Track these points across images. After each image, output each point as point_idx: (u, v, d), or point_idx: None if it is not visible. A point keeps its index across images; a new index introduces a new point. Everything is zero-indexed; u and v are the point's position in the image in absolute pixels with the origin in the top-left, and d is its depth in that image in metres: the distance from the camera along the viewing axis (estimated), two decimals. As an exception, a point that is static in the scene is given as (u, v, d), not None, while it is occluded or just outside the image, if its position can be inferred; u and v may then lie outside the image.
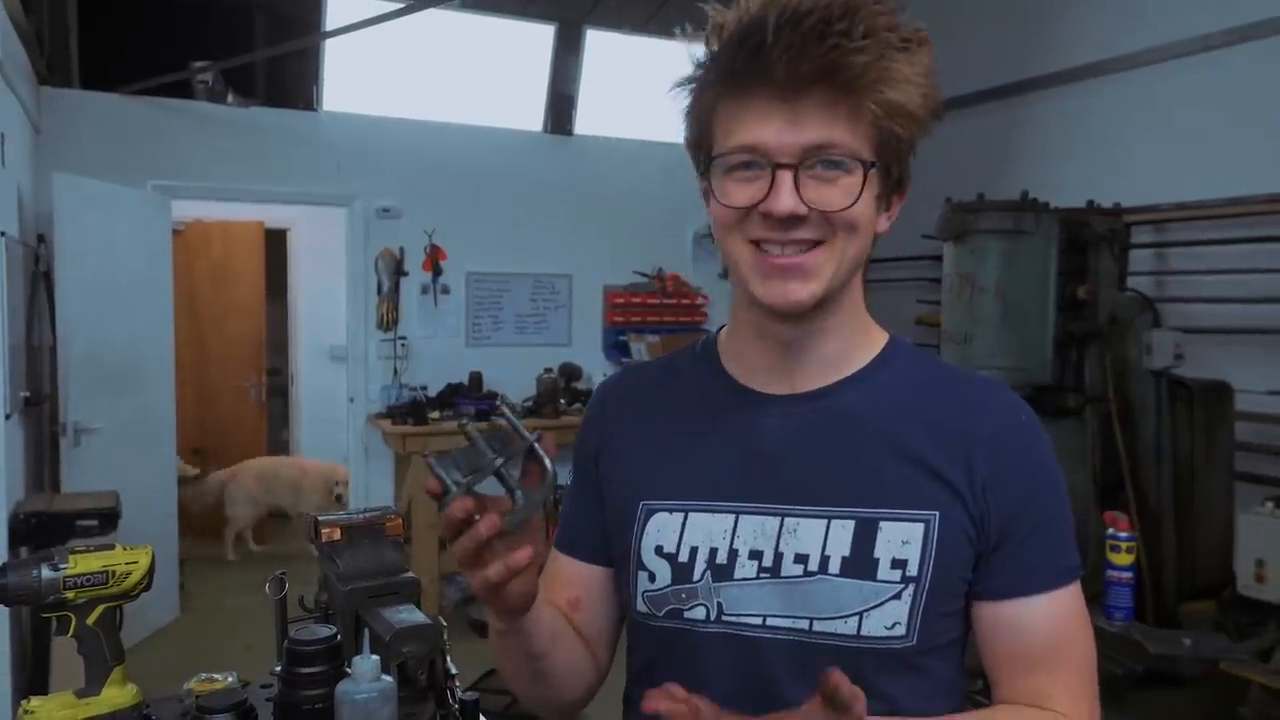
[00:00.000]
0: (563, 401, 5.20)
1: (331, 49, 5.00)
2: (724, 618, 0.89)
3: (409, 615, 1.25)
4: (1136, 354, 3.46)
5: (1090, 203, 3.70)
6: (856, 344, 0.93)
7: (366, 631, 1.23)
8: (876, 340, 0.95)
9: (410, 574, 1.36)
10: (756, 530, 0.89)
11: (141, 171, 4.63)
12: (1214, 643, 2.94)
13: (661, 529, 0.93)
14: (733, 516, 0.90)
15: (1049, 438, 0.92)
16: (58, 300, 4.06)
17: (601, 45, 5.51)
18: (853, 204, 0.82)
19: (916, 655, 0.86)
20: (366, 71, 5.14)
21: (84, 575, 1.20)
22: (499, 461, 0.80)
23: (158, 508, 4.45)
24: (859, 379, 0.92)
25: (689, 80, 0.87)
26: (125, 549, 1.26)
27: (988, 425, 0.88)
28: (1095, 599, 2.80)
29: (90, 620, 1.22)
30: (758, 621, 0.88)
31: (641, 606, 0.93)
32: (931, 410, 0.90)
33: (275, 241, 6.74)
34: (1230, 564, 3.21)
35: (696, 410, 0.97)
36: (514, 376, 5.33)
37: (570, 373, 5.46)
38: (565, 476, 0.85)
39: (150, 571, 1.26)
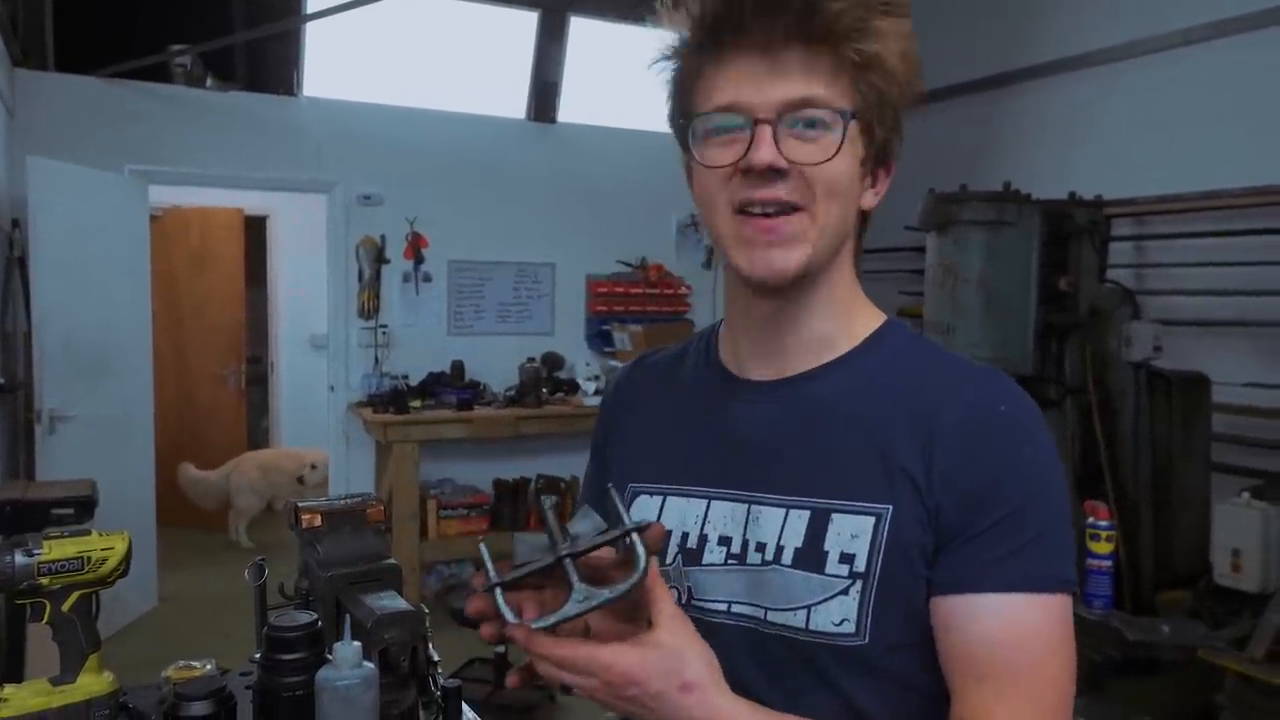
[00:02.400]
0: (545, 391, 5.19)
1: (312, 33, 4.94)
2: (693, 602, 0.89)
3: (391, 602, 1.24)
4: (1116, 345, 3.49)
5: (1072, 194, 3.72)
6: (844, 326, 0.90)
7: (347, 618, 1.22)
8: (869, 323, 0.92)
9: (392, 560, 1.35)
10: (727, 516, 0.89)
11: (118, 156, 4.57)
12: (1191, 630, 2.98)
13: (642, 511, 0.94)
14: (705, 502, 0.91)
15: (1046, 437, 0.84)
16: (32, 286, 4.01)
17: (585, 32, 5.47)
18: (832, 157, 0.81)
19: (872, 655, 0.82)
20: (348, 56, 5.09)
21: (59, 561, 1.18)
22: (565, 548, 0.71)
23: (135, 496, 4.41)
24: (841, 364, 0.89)
25: (670, 53, 0.87)
26: (101, 535, 1.24)
27: (957, 412, 0.82)
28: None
29: (65, 607, 1.20)
30: (722, 608, 0.88)
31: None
32: (908, 398, 0.85)
33: (255, 228, 6.68)
34: (1207, 553, 3.25)
35: (688, 397, 0.98)
36: (496, 365, 5.31)
37: (553, 362, 5.44)
38: (584, 524, 0.77)
39: (127, 557, 1.24)
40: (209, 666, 1.34)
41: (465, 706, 1.32)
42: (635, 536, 0.71)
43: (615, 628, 0.79)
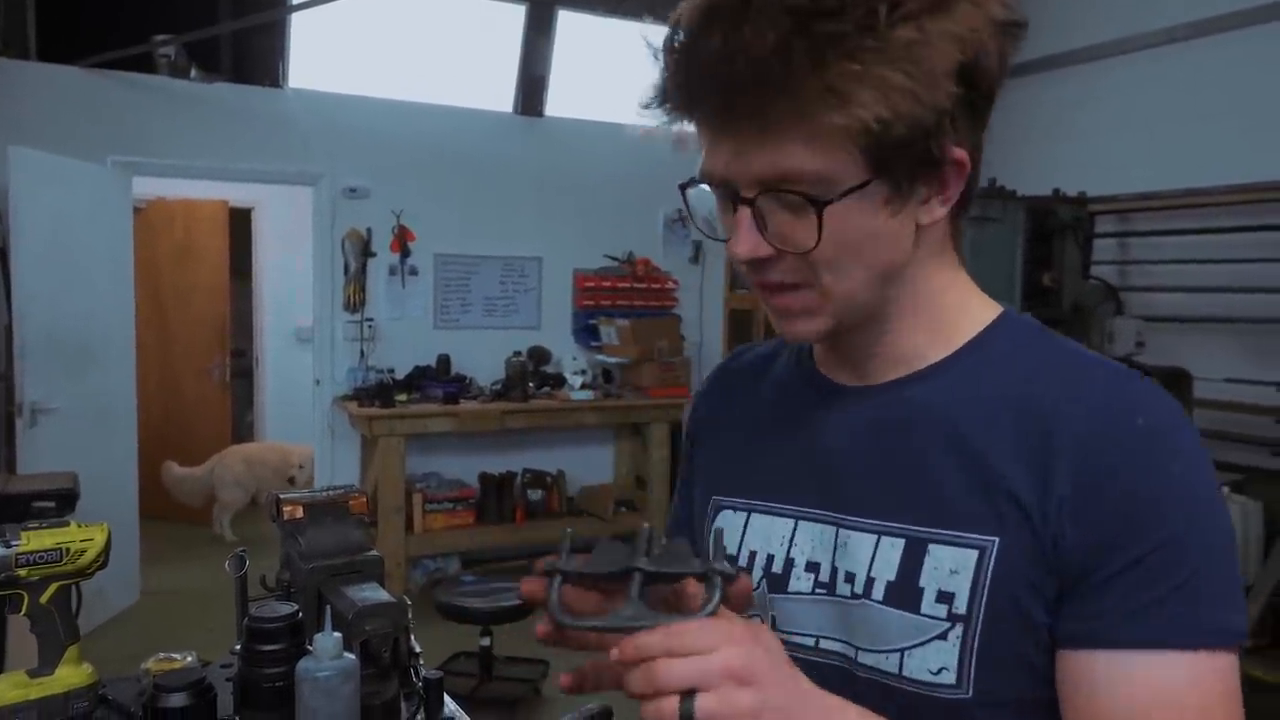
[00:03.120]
0: (531, 385, 5.18)
1: (298, 24, 4.91)
2: (777, 633, 0.79)
3: (372, 593, 1.24)
4: (1099, 341, 3.52)
5: (1056, 191, 3.74)
6: (941, 333, 0.77)
7: (328, 609, 1.22)
8: (977, 320, 0.78)
9: (375, 552, 1.35)
10: (815, 540, 0.79)
11: (101, 147, 4.54)
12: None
13: (726, 528, 0.85)
14: (792, 522, 0.81)
15: (1199, 452, 0.68)
16: (14, 278, 3.97)
17: (573, 26, 5.46)
18: (814, 246, 0.68)
19: (977, 710, 0.70)
20: (334, 48, 5.06)
21: (37, 552, 1.17)
22: (641, 562, 0.62)
23: (117, 489, 4.38)
24: (941, 368, 0.76)
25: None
26: (80, 526, 1.23)
27: (1080, 426, 0.68)
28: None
29: (44, 599, 1.19)
30: (810, 643, 0.78)
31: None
32: (1019, 407, 0.71)
33: (240, 221, 6.64)
34: (1187, 548, 3.27)
35: (776, 402, 0.87)
36: (482, 359, 5.30)
37: (539, 356, 5.44)
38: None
39: (106, 549, 1.23)
40: (189, 658, 1.33)
41: (447, 698, 1.32)
42: (719, 580, 0.60)
43: None
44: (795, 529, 0.80)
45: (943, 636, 0.70)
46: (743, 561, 0.83)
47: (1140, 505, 0.66)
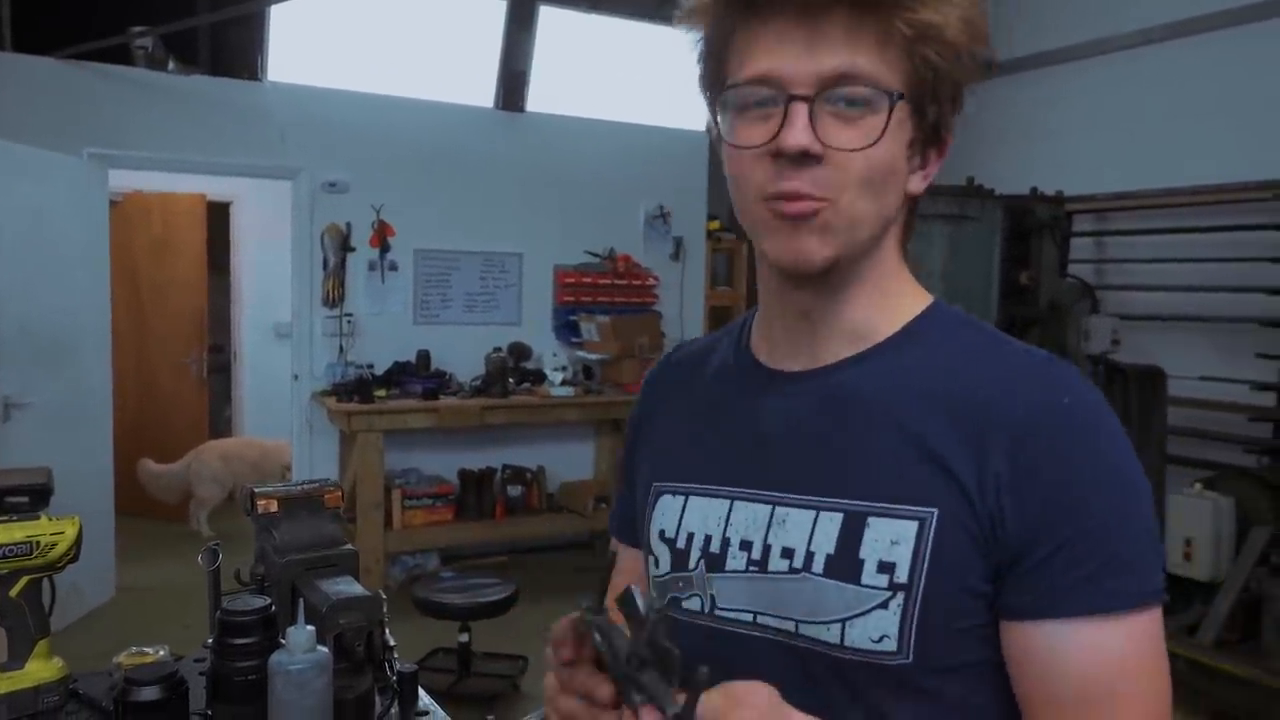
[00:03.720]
0: (511, 381, 5.18)
1: (277, 17, 4.87)
2: (716, 611, 0.82)
3: (347, 587, 1.23)
4: (1075, 339, 3.55)
5: (1034, 190, 3.77)
6: (885, 314, 0.81)
7: (302, 603, 1.21)
8: (912, 308, 0.82)
9: (350, 546, 1.35)
10: (749, 519, 0.81)
11: (76, 139, 4.49)
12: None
13: (665, 512, 0.88)
14: (728, 503, 0.83)
15: (1119, 428, 0.74)
16: (-13, 270, 3.93)
17: (554, 21, 5.45)
18: (874, 143, 0.72)
19: (918, 675, 0.73)
20: (313, 42, 5.03)
21: (6, 545, 1.17)
22: (638, 698, 0.62)
23: (93, 486, 4.34)
24: (878, 352, 0.80)
25: (696, 9, 0.78)
26: (51, 519, 1.23)
27: (1016, 408, 0.72)
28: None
29: (14, 592, 1.19)
30: (748, 618, 0.80)
31: (653, 593, 0.88)
32: (953, 388, 0.75)
33: (218, 214, 6.58)
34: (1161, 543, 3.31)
35: (715, 390, 0.90)
36: (462, 355, 5.29)
37: (519, 352, 5.42)
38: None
39: (77, 542, 1.23)
40: (161, 652, 1.32)
41: (422, 691, 1.32)
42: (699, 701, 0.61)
43: None
44: (731, 509, 0.83)
45: (884, 605, 0.73)
46: (681, 543, 0.85)
47: (1075, 483, 0.70)
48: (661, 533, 0.88)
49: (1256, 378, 3.77)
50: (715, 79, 0.78)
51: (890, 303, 0.81)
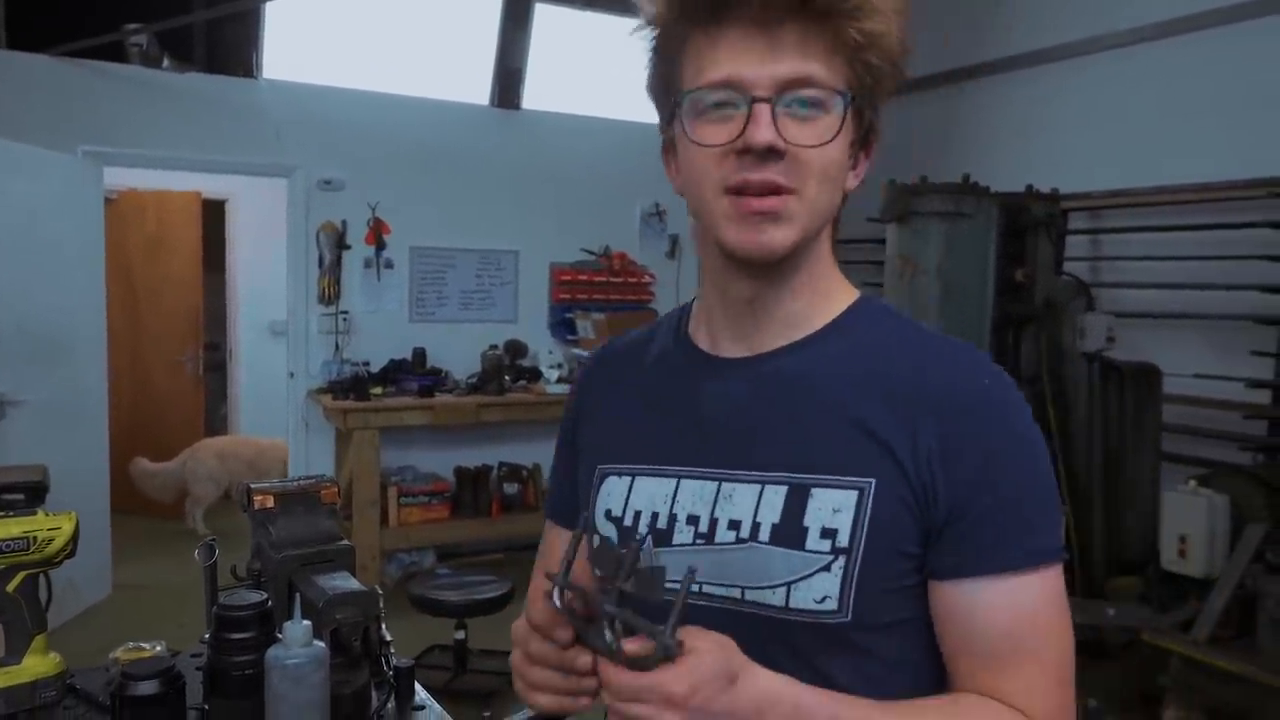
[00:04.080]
0: (507, 378, 5.17)
1: (272, 14, 4.86)
2: (664, 583, 0.88)
3: (343, 582, 1.24)
4: (1070, 337, 3.55)
5: (1029, 188, 3.77)
6: (820, 304, 0.89)
7: (298, 598, 1.22)
8: (844, 300, 0.91)
9: (346, 542, 1.35)
10: (695, 495, 0.87)
11: (71, 136, 4.48)
12: (1135, 613, 3.05)
13: (611, 492, 0.93)
14: (674, 481, 0.89)
15: (1027, 406, 0.84)
16: (-18, 268, 3.92)
17: (550, 19, 5.45)
18: (830, 140, 0.79)
19: (855, 632, 0.81)
20: (309, 39, 5.02)
21: (3, 540, 1.17)
22: (611, 609, 0.71)
23: (89, 483, 4.33)
24: (816, 339, 0.88)
25: (653, 18, 0.84)
26: (48, 515, 1.22)
27: (941, 389, 0.81)
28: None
29: (10, 587, 1.19)
30: (694, 588, 0.83)
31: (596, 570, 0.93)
32: (884, 373, 0.84)
33: (213, 212, 6.57)
34: (1156, 540, 3.32)
35: (658, 378, 0.96)
36: (458, 353, 5.28)
37: (515, 350, 5.42)
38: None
39: (74, 538, 1.23)
40: (158, 648, 1.33)
41: (418, 686, 1.32)
42: (674, 639, 0.69)
43: None
44: (678, 487, 0.88)
45: (826, 568, 0.80)
46: (628, 521, 0.90)
47: (994, 455, 0.80)
48: (608, 512, 0.92)
49: (1251, 375, 3.78)
50: (668, 84, 0.85)
51: (824, 294, 0.89)
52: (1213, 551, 3.29)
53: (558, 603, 0.74)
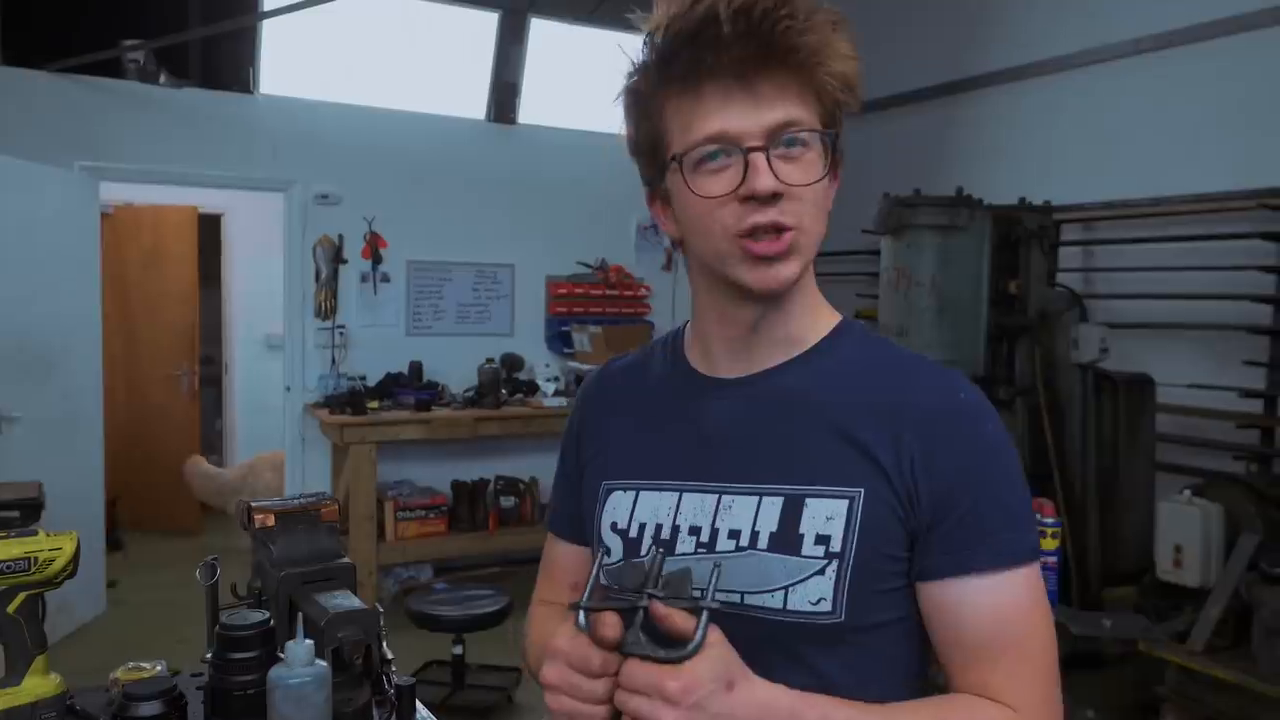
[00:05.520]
0: (504, 392, 5.18)
1: (269, 30, 4.89)
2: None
3: (344, 600, 1.24)
4: (1064, 348, 3.56)
5: (1022, 200, 3.79)
6: (810, 325, 0.96)
7: (300, 617, 1.22)
8: (828, 320, 0.97)
9: (346, 559, 1.35)
10: (697, 507, 0.93)
11: (68, 152, 4.49)
12: (1133, 624, 3.05)
13: (616, 506, 0.98)
14: (676, 494, 0.94)
15: (997, 415, 0.91)
16: (-22, 284, 3.92)
17: (546, 34, 5.47)
18: (821, 177, 0.86)
19: (849, 632, 0.87)
20: (305, 55, 5.04)
21: (4, 562, 1.17)
22: (643, 601, 0.78)
23: (84, 499, 4.32)
24: (805, 359, 0.94)
25: (635, 87, 0.91)
26: (48, 535, 1.23)
27: (921, 403, 0.89)
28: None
29: (11, 608, 1.19)
30: (696, 595, 0.89)
31: (603, 581, 0.97)
32: (869, 389, 0.91)
33: (209, 227, 6.58)
34: (1151, 550, 3.33)
35: (658, 399, 1.02)
36: (455, 366, 5.28)
37: (512, 363, 5.43)
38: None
39: (75, 558, 1.23)
40: (159, 667, 1.33)
41: (419, 704, 1.32)
42: (705, 615, 0.76)
43: None
44: (680, 500, 0.94)
45: (821, 572, 0.86)
46: (633, 533, 0.96)
47: (973, 460, 0.87)
48: (614, 524, 0.98)
49: (1244, 385, 3.79)
50: (654, 144, 0.91)
51: (813, 312, 0.96)
52: (1208, 561, 3.29)
53: (583, 623, 0.79)
